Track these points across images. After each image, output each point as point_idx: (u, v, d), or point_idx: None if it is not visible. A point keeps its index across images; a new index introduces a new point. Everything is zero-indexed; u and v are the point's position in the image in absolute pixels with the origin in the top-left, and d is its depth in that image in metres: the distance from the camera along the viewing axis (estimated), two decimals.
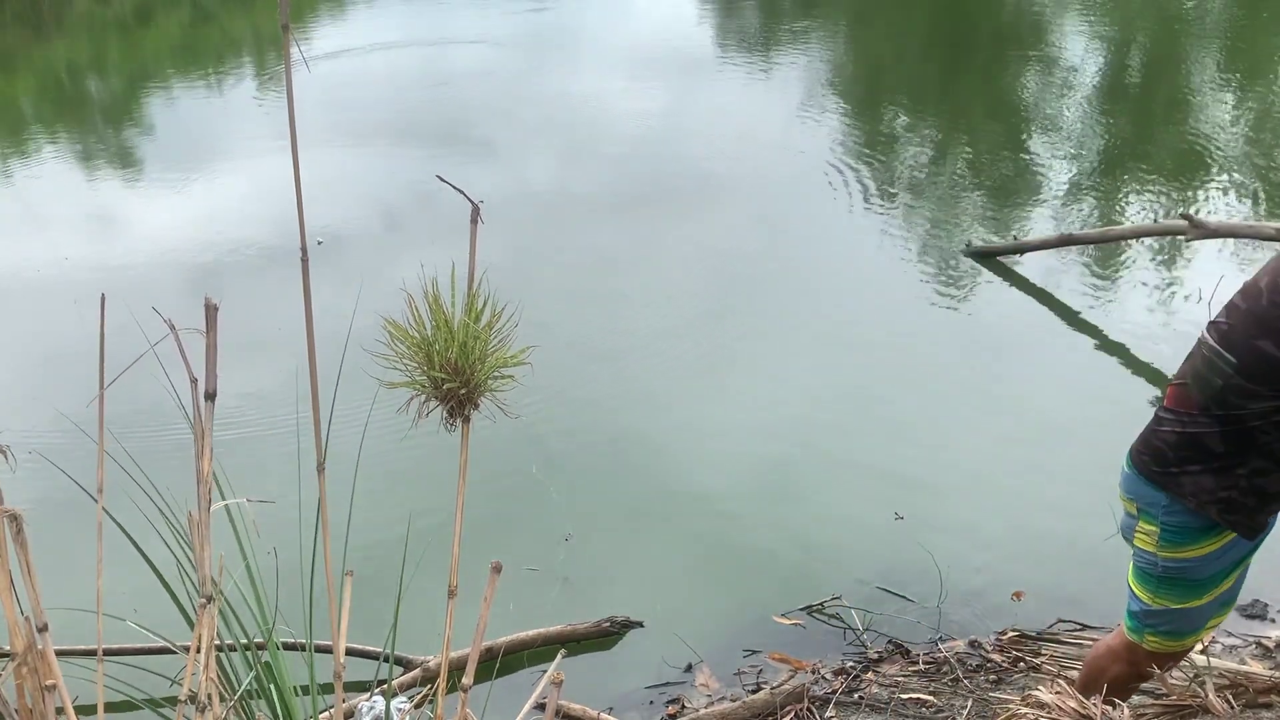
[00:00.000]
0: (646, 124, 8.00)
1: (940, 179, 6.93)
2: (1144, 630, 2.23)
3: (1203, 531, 2.07)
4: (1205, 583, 2.13)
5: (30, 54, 12.21)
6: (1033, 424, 4.23)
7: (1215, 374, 1.97)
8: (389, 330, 1.30)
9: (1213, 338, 2.00)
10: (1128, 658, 2.30)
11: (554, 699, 1.41)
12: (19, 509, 1.27)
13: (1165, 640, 2.22)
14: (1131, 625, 2.25)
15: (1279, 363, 1.88)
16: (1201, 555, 2.09)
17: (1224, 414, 1.97)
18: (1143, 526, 2.15)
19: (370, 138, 7.89)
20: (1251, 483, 2.00)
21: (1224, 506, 2.02)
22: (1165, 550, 2.11)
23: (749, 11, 12.29)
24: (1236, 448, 1.98)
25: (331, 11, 12.70)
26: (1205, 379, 1.99)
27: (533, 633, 3.21)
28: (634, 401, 4.54)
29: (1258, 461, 1.98)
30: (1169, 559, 2.12)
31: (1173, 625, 2.19)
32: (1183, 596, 2.15)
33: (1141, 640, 2.24)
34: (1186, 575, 2.12)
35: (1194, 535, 2.08)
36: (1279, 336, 1.88)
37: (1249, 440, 1.97)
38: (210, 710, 1.37)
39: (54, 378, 4.64)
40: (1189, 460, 2.03)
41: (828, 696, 3.00)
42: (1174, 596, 2.15)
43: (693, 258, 5.81)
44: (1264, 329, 1.90)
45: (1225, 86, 8.55)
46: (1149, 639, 2.23)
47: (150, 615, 2.42)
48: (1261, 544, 2.14)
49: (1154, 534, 2.12)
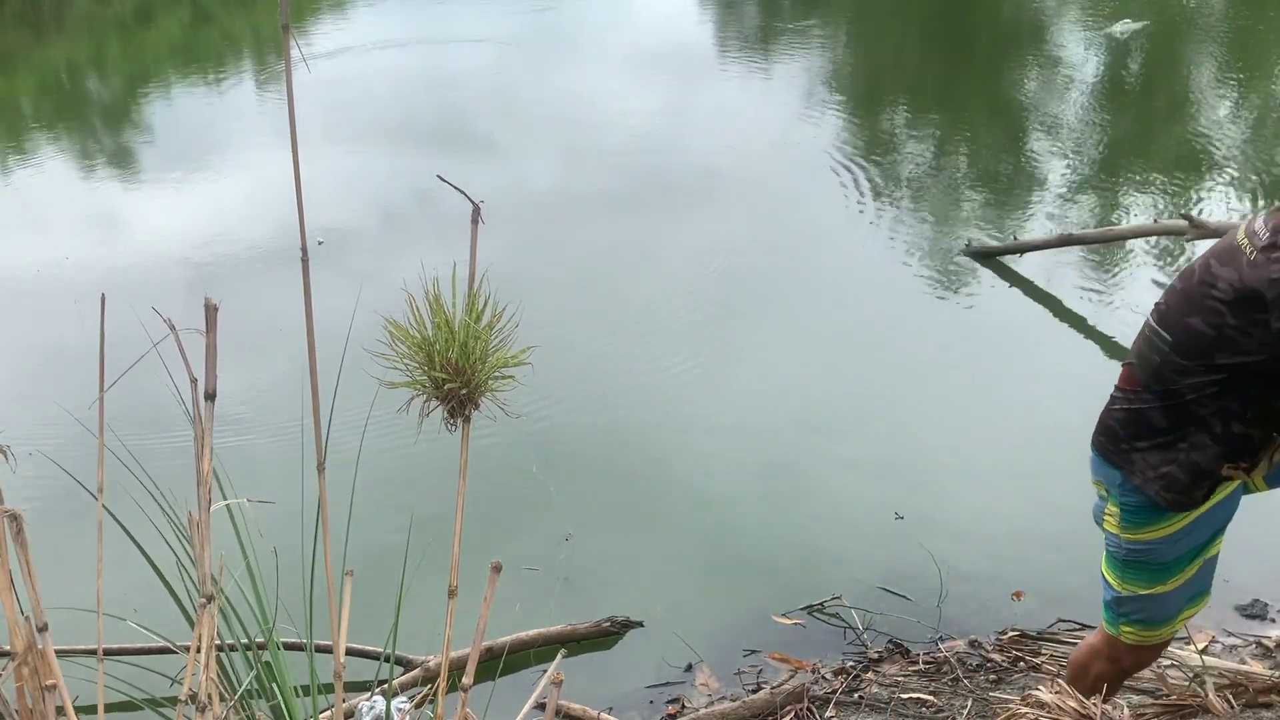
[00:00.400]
0: (646, 123, 8.00)
1: (940, 178, 6.93)
2: (1119, 620, 2.27)
3: (1158, 511, 2.13)
4: (1169, 566, 2.18)
5: (30, 54, 12.21)
6: (1032, 424, 4.23)
7: (1154, 351, 2.07)
8: (390, 330, 1.30)
9: (1153, 318, 2.11)
10: (1108, 653, 2.33)
11: (554, 699, 1.41)
12: (19, 509, 1.27)
13: (1140, 630, 2.26)
14: (1108, 617, 2.30)
15: (1207, 338, 1.98)
16: (1162, 537, 2.15)
17: (1162, 389, 2.07)
18: (1109, 509, 2.21)
19: (370, 138, 7.89)
20: (1189, 457, 2.07)
21: (1164, 483, 2.09)
22: (1127, 532, 2.18)
23: (749, 11, 12.30)
24: (1177, 422, 2.07)
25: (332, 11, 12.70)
26: (1146, 357, 2.10)
27: (533, 633, 3.21)
28: (634, 401, 4.54)
29: (1196, 435, 2.06)
30: (1131, 541, 2.18)
31: (1144, 613, 2.24)
32: (1149, 581, 2.19)
33: (1118, 633, 2.28)
34: (1150, 558, 2.18)
35: (1151, 516, 2.14)
36: (1208, 314, 1.97)
37: (1187, 414, 2.06)
38: (210, 710, 1.37)
39: (54, 378, 4.64)
40: (1137, 437, 2.12)
41: (828, 696, 3.00)
42: (1140, 581, 2.20)
43: (693, 257, 5.81)
44: (1194, 307, 2.00)
45: (1225, 86, 8.55)
46: (1124, 630, 2.27)
47: (150, 615, 2.42)
48: (1223, 533, 2.19)
49: (1116, 515, 2.19)
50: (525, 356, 1.33)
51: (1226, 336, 1.96)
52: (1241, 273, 1.93)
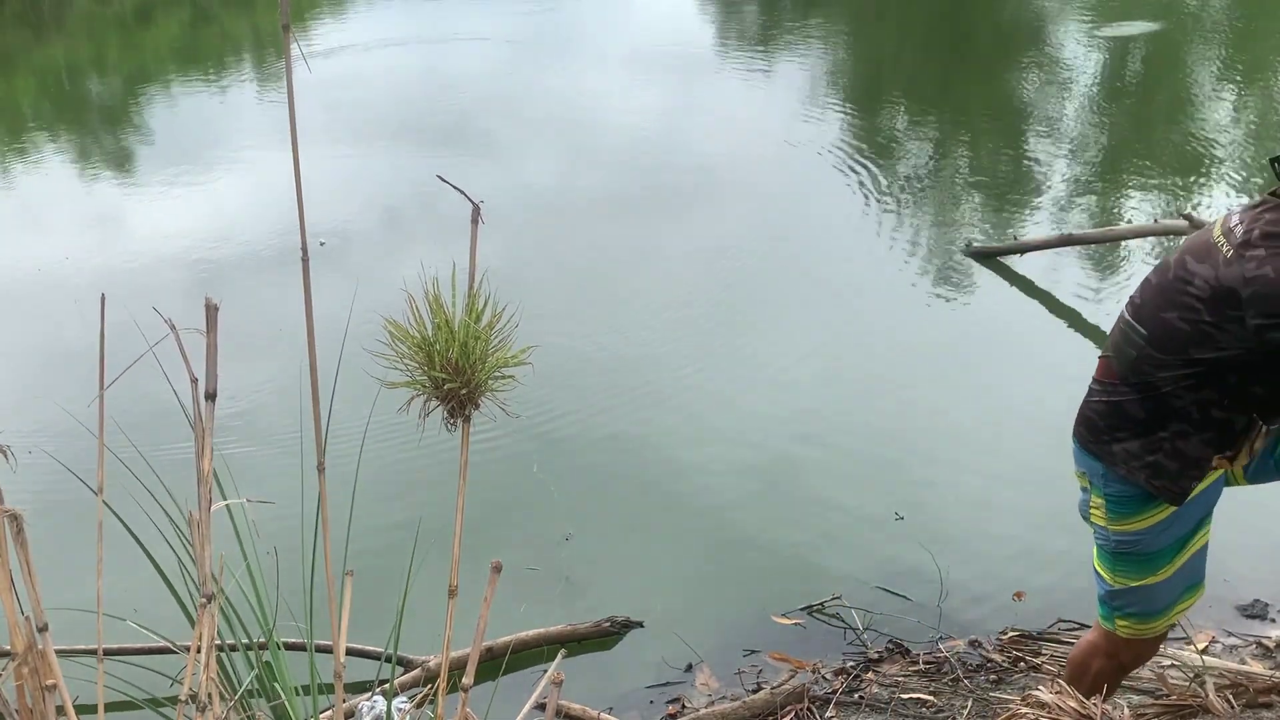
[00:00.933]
0: (646, 123, 8.00)
1: (940, 178, 6.93)
2: (1114, 615, 2.26)
3: (1143, 501, 2.12)
4: (1157, 556, 2.17)
5: (30, 54, 12.21)
6: (1032, 423, 4.22)
7: (1130, 345, 2.07)
8: (390, 330, 1.30)
9: (1128, 311, 2.11)
10: (1106, 649, 2.33)
11: (554, 699, 1.41)
12: (19, 509, 1.27)
13: (1135, 624, 2.25)
14: (1103, 612, 2.29)
15: (1183, 333, 1.98)
16: (1148, 527, 2.14)
17: (1139, 382, 2.07)
18: (1093, 500, 2.21)
19: (370, 138, 7.90)
20: (1174, 445, 2.06)
21: (1151, 472, 2.08)
22: (1113, 523, 2.17)
23: (749, 11, 12.30)
24: (1156, 413, 2.06)
25: (332, 11, 12.70)
26: (1122, 350, 2.09)
27: (533, 633, 3.20)
28: (634, 401, 4.53)
29: (1176, 425, 2.06)
30: (1118, 532, 2.17)
31: (1138, 606, 2.23)
32: (1140, 572, 2.19)
33: (1114, 627, 2.27)
34: (1138, 549, 2.17)
35: (1135, 505, 2.13)
36: (1183, 310, 1.97)
37: (1166, 405, 2.05)
38: (210, 710, 1.37)
39: (55, 378, 4.64)
40: (1116, 428, 2.11)
41: (828, 696, 3.00)
42: (1131, 573, 2.19)
43: (692, 256, 5.81)
44: (1169, 302, 2.00)
45: (1225, 86, 8.55)
46: (1120, 624, 2.26)
47: (150, 615, 2.42)
48: (1208, 522, 2.19)
49: (1101, 506, 2.18)
50: (525, 356, 1.33)
51: (1203, 332, 1.95)
52: (1218, 270, 1.93)
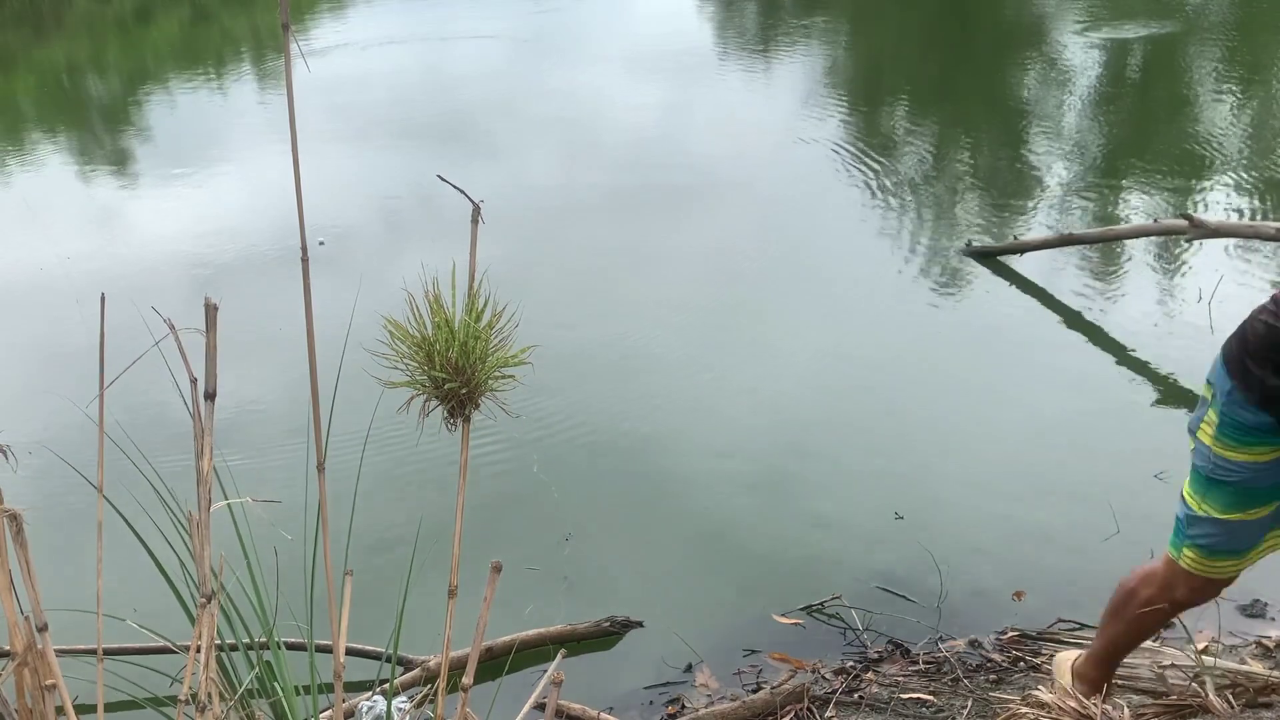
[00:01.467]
0: (647, 123, 8.00)
1: (940, 178, 6.93)
2: (1183, 543, 2.20)
3: (1256, 433, 2.03)
4: (1253, 495, 2.10)
5: (30, 54, 12.21)
6: (1032, 423, 4.23)
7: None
8: (390, 330, 1.30)
9: None
10: (1164, 578, 2.26)
11: (554, 699, 1.41)
12: (19, 509, 1.27)
13: (1203, 558, 2.18)
14: (1173, 540, 2.23)
15: None
16: (1252, 461, 2.06)
17: None
18: (1209, 416, 2.11)
19: (370, 138, 7.90)
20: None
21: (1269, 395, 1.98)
22: (1219, 446, 2.09)
23: (749, 10, 12.30)
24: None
25: (332, 10, 12.70)
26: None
27: (533, 633, 3.20)
28: (634, 401, 4.53)
29: None
30: (1220, 458, 2.09)
31: (1213, 539, 2.16)
32: (1228, 505, 2.11)
33: (1179, 556, 2.21)
34: (1234, 480, 2.09)
35: (1247, 434, 2.05)
36: None
37: None
38: (210, 710, 1.37)
39: (56, 377, 4.64)
40: (1267, 356, 1.99)
41: (828, 696, 3.00)
42: (1219, 503, 2.12)
43: (693, 256, 5.81)
44: None
45: (1225, 86, 8.55)
46: (1186, 554, 2.20)
47: (151, 615, 2.42)
48: None
49: (1214, 424, 2.10)
50: (525, 356, 1.33)
51: None
52: None
